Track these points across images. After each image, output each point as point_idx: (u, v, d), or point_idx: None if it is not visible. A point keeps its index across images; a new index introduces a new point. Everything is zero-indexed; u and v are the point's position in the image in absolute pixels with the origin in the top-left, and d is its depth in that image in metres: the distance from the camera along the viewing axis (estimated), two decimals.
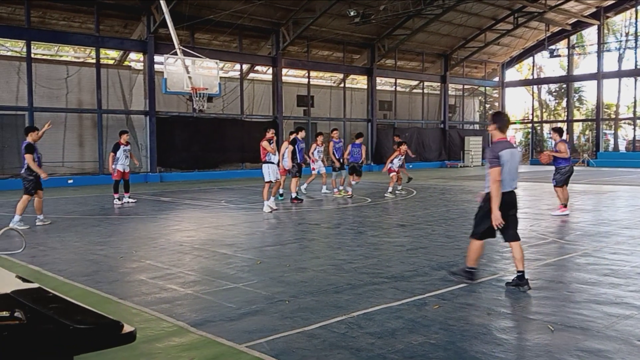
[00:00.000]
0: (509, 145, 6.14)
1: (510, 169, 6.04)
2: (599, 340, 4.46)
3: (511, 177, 6.08)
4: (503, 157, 5.96)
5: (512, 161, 6.07)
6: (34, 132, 11.19)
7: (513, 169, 6.09)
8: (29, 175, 10.92)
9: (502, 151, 5.98)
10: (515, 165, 6.14)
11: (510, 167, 6.03)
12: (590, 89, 38.29)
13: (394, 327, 4.82)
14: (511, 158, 6.04)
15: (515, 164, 6.13)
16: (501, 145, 6.07)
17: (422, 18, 28.81)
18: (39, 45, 23.18)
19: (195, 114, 23.94)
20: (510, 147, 6.13)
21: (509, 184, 6.07)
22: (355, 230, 10.39)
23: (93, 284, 6.42)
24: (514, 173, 6.12)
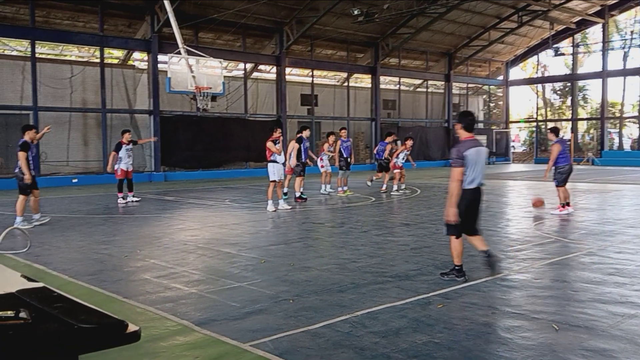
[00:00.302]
0: (475, 144, 6.34)
1: (477, 166, 6.27)
2: (604, 340, 4.45)
3: (477, 174, 6.30)
4: (468, 157, 6.19)
5: (479, 159, 6.28)
6: (31, 131, 11.07)
7: (479, 167, 6.30)
8: (23, 174, 10.82)
9: (468, 150, 6.20)
10: (482, 163, 6.35)
11: (476, 165, 6.25)
12: (595, 88, 38.22)
13: (398, 326, 4.81)
14: (477, 156, 6.26)
15: (481, 162, 6.34)
16: (467, 144, 6.28)
17: (425, 17, 28.76)
18: (44, 44, 23.23)
19: (199, 113, 23.97)
20: (477, 145, 6.34)
21: (476, 181, 6.30)
22: (359, 229, 10.38)
23: (97, 283, 6.44)
24: (480, 170, 6.33)
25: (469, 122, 6.46)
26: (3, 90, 20.26)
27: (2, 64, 20.79)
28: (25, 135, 10.98)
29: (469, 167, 6.23)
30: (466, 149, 6.22)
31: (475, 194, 6.34)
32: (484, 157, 6.43)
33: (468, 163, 6.21)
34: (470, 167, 6.23)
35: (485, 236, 9.42)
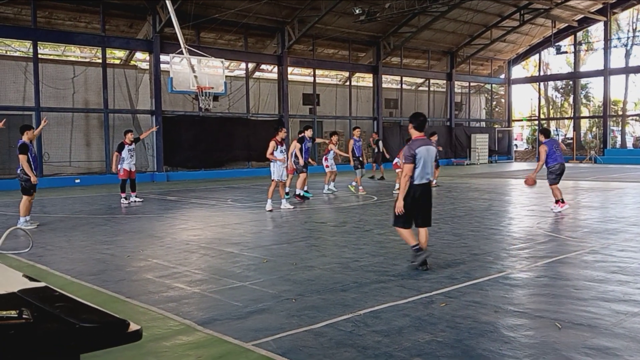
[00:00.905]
0: (425, 143, 6.90)
1: (425, 163, 6.81)
2: (607, 338, 4.44)
3: (426, 170, 6.84)
4: (419, 154, 6.74)
5: (428, 157, 6.83)
6: (29, 131, 11.02)
7: (428, 164, 6.85)
8: (25, 174, 10.80)
9: (418, 148, 6.77)
10: (430, 160, 6.89)
11: (425, 162, 6.80)
12: (597, 86, 38.10)
13: (400, 325, 4.81)
14: (427, 154, 6.81)
15: (430, 159, 6.88)
16: (418, 143, 6.85)
17: (427, 15, 28.74)
18: (46, 45, 23.26)
19: (201, 113, 23.99)
20: (427, 144, 6.89)
21: (424, 177, 6.85)
22: (362, 228, 10.37)
23: (100, 283, 6.44)
24: (429, 167, 6.88)
25: (419, 123, 6.98)
26: (6, 91, 20.29)
27: (4, 64, 20.82)
28: (24, 136, 10.92)
29: (419, 164, 6.76)
30: (417, 147, 6.77)
31: (424, 188, 6.89)
32: (433, 156, 6.95)
33: (418, 160, 6.75)
34: (420, 164, 6.76)
35: (488, 234, 9.45)
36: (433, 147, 7.00)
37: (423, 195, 6.89)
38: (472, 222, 10.91)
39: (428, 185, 6.93)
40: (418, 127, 6.97)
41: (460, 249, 8.14)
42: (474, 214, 12.00)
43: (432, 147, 6.93)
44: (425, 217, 7.00)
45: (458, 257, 7.60)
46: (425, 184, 6.87)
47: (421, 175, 6.81)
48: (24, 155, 10.73)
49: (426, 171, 6.82)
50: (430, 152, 6.84)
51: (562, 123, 43.34)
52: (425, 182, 6.85)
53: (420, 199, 6.87)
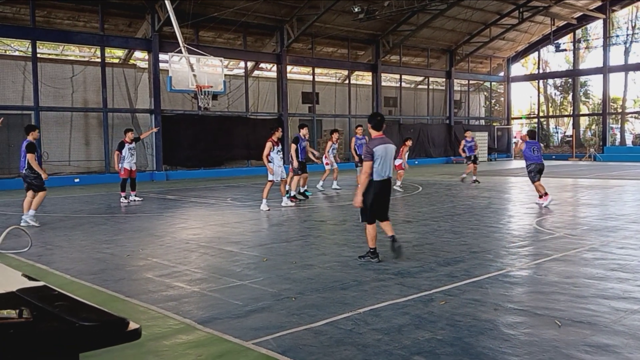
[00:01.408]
0: (383, 141, 7.16)
1: (384, 161, 7.08)
2: (607, 335, 4.44)
3: (385, 167, 7.12)
4: (377, 152, 7.02)
5: (386, 154, 7.08)
6: (35, 131, 11.25)
7: (387, 161, 7.11)
8: (33, 173, 10.91)
9: (376, 147, 7.04)
10: (389, 158, 7.16)
11: (384, 159, 7.06)
12: (597, 83, 38.12)
13: (400, 323, 4.81)
14: (385, 152, 7.07)
15: (389, 157, 7.14)
16: (376, 141, 7.12)
17: (426, 13, 28.72)
18: (45, 44, 23.25)
19: (200, 112, 23.97)
20: (385, 142, 7.15)
21: (384, 173, 7.12)
22: (361, 226, 10.33)
23: (100, 282, 6.44)
24: (388, 164, 7.14)
25: (376, 122, 7.27)
26: (4, 91, 20.29)
27: (3, 64, 20.81)
28: (30, 136, 11.08)
29: (378, 161, 7.04)
30: (375, 146, 7.06)
31: (384, 185, 7.19)
32: (391, 153, 7.23)
33: (377, 158, 7.03)
34: (379, 161, 7.04)
35: (488, 232, 9.45)
36: (392, 145, 7.29)
37: (383, 191, 7.22)
38: (472, 220, 10.92)
39: (388, 182, 7.24)
40: (375, 127, 7.26)
41: (459, 247, 8.14)
42: (473, 212, 12.00)
43: (390, 146, 7.21)
44: (386, 212, 7.37)
45: (458, 255, 7.60)
46: (385, 180, 7.16)
47: (380, 172, 7.09)
48: (32, 154, 10.86)
49: (386, 168, 7.11)
50: (388, 150, 7.13)
51: (561, 121, 43.35)
52: (385, 178, 7.15)
53: (382, 194, 7.20)
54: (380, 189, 7.15)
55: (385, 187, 7.23)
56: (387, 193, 7.31)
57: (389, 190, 7.36)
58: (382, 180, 7.13)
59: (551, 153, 38.58)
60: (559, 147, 40.46)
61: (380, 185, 7.14)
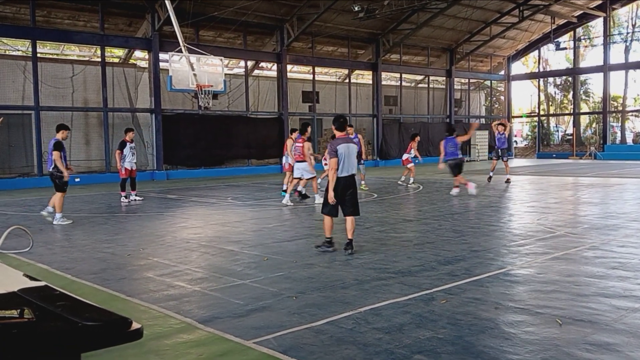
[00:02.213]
0: (346, 140, 7.77)
1: (347, 159, 7.64)
2: (608, 334, 4.44)
3: (348, 165, 7.68)
4: (339, 150, 7.58)
5: (348, 153, 7.66)
6: (65, 131, 11.40)
7: (349, 159, 7.68)
8: (58, 172, 11.08)
9: (339, 145, 7.60)
10: (351, 156, 7.70)
11: (346, 157, 7.63)
12: (597, 82, 38.10)
13: (401, 322, 4.81)
14: (347, 150, 7.64)
15: (351, 155, 7.70)
16: (339, 141, 7.70)
17: (426, 12, 28.70)
18: (45, 44, 23.24)
19: (200, 111, 23.97)
20: (347, 142, 7.74)
21: (347, 170, 7.68)
22: (362, 225, 10.37)
23: (101, 282, 6.45)
24: (351, 162, 7.71)
25: (340, 124, 7.88)
26: (5, 91, 20.29)
27: (3, 64, 20.81)
28: (59, 134, 11.25)
29: (341, 159, 7.61)
30: (338, 145, 7.62)
31: (347, 180, 7.70)
32: (354, 152, 7.78)
33: (340, 156, 7.58)
34: (342, 159, 7.60)
35: (488, 231, 9.45)
36: (354, 144, 7.85)
37: (348, 186, 7.70)
38: (472, 218, 10.92)
39: (352, 178, 7.76)
40: (339, 128, 7.87)
41: (460, 246, 8.14)
42: (474, 211, 12.01)
43: (352, 145, 7.78)
44: (352, 207, 7.79)
45: (458, 253, 7.60)
46: (349, 177, 7.70)
47: (344, 169, 7.65)
48: (58, 152, 10.99)
49: (349, 165, 7.68)
50: (350, 148, 7.70)
51: (562, 119, 43.35)
52: (348, 175, 7.70)
53: (346, 189, 7.69)
54: (343, 185, 7.66)
55: (347, 182, 7.71)
56: (349, 188, 7.73)
57: (352, 185, 7.78)
58: (345, 177, 7.68)
59: (552, 152, 38.57)
60: (560, 146, 40.45)
61: (342, 181, 7.66)
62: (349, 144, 7.75)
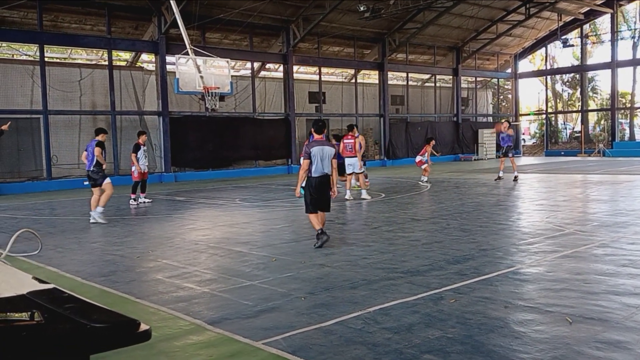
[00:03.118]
0: (320, 143, 8.39)
1: (321, 159, 8.23)
2: (618, 332, 4.41)
3: (322, 165, 8.25)
4: (313, 152, 8.22)
5: (322, 154, 8.24)
6: (105, 134, 12.24)
7: (323, 160, 8.25)
8: (99, 171, 11.81)
9: (313, 148, 8.23)
10: (326, 157, 8.26)
11: (320, 158, 8.23)
12: (605, 78, 37.86)
13: (410, 321, 4.81)
14: (321, 152, 8.24)
15: (325, 156, 8.25)
16: (314, 143, 8.35)
17: (432, 11, 28.64)
18: (52, 48, 23.37)
19: (207, 113, 24.03)
20: (322, 144, 8.34)
21: (319, 171, 8.25)
22: (370, 225, 10.37)
23: (110, 284, 6.47)
24: (324, 162, 8.26)
25: (318, 127, 8.62)
26: (13, 95, 20.41)
27: (11, 68, 20.94)
28: (99, 137, 12.03)
29: (314, 160, 8.21)
30: (312, 147, 8.26)
31: (320, 180, 8.28)
32: (327, 153, 8.29)
33: (313, 157, 8.20)
34: (315, 160, 8.21)
35: (497, 230, 9.42)
36: (328, 147, 8.37)
37: (321, 185, 8.31)
38: (481, 217, 10.88)
39: (325, 177, 8.31)
40: (317, 131, 8.58)
41: (469, 245, 8.12)
42: (482, 209, 11.96)
43: (326, 147, 8.33)
44: (324, 204, 8.41)
45: (467, 252, 7.58)
46: (322, 177, 8.28)
47: (317, 170, 8.24)
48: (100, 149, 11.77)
49: (322, 165, 8.23)
50: (324, 151, 8.26)
51: (569, 116, 43.11)
52: (321, 175, 8.26)
53: (319, 188, 8.31)
54: (317, 184, 8.29)
55: (321, 182, 8.30)
56: (323, 187, 8.33)
57: (326, 185, 8.35)
58: (318, 177, 8.27)
59: (560, 149, 38.38)
60: (568, 143, 40.23)
61: (316, 180, 8.29)
62: (323, 146, 8.32)
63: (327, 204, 8.49)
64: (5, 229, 10.99)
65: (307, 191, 8.39)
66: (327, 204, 8.50)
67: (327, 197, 8.44)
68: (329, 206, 8.54)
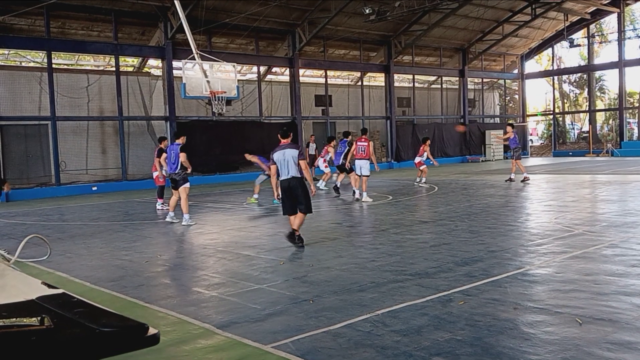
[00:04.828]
0: (282, 147, 8.57)
1: (283, 164, 8.46)
2: (629, 333, 4.38)
3: (286, 169, 8.46)
4: (275, 157, 8.55)
5: (284, 158, 8.46)
6: (183, 137, 12.60)
7: (286, 164, 8.44)
8: (183, 172, 12.17)
9: (275, 153, 8.57)
10: (288, 161, 8.42)
11: (281, 163, 8.48)
12: (612, 78, 37.66)
13: (419, 324, 4.79)
14: (282, 157, 8.47)
15: (287, 160, 8.42)
16: (277, 148, 8.62)
17: (438, 13, 28.61)
18: (60, 55, 23.51)
19: (214, 117, 24.07)
20: (283, 148, 8.53)
21: (285, 174, 8.49)
22: (377, 228, 10.36)
23: (119, 289, 6.49)
24: (287, 166, 8.43)
25: (283, 132, 8.87)
26: (21, 102, 20.54)
27: (20, 75, 21.08)
28: (179, 140, 12.41)
29: (278, 164, 8.51)
30: (274, 152, 8.59)
31: (288, 183, 8.48)
32: (289, 156, 8.43)
33: (277, 162, 8.51)
34: (279, 164, 8.50)
35: (505, 231, 9.39)
36: (290, 150, 8.50)
37: (289, 188, 8.50)
38: (489, 218, 10.85)
39: (293, 180, 8.45)
40: (282, 136, 8.81)
41: (477, 246, 8.09)
42: (490, 211, 11.92)
43: (287, 150, 8.48)
44: (301, 204, 8.52)
45: (475, 254, 7.55)
46: (289, 179, 8.46)
47: (282, 173, 8.50)
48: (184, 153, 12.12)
49: (286, 169, 8.45)
50: (286, 154, 8.46)
51: (577, 117, 42.91)
52: (287, 178, 8.46)
53: (287, 191, 8.54)
54: (285, 187, 8.55)
55: (289, 185, 8.48)
56: (292, 190, 8.49)
57: (294, 187, 8.47)
58: (285, 179, 8.52)
59: (568, 150, 38.21)
60: (576, 144, 40.04)
61: (284, 183, 8.55)
62: (284, 150, 8.52)
63: (303, 205, 8.55)
64: (14, 235, 11.05)
65: (282, 195, 8.71)
66: (304, 205, 8.56)
67: (301, 199, 8.52)
68: (306, 207, 8.58)
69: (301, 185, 8.54)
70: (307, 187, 8.70)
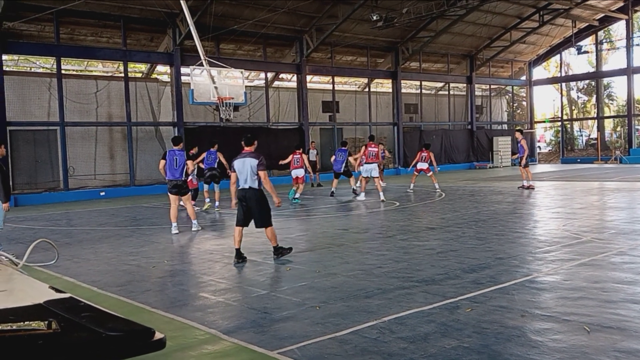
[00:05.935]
0: (243, 156, 8.20)
1: (241, 172, 8.12)
2: (637, 341, 4.35)
3: (242, 178, 8.12)
4: (235, 165, 8.21)
5: (242, 168, 8.11)
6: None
7: (243, 173, 8.10)
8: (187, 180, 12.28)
9: (235, 161, 8.23)
10: (245, 171, 8.07)
11: (240, 171, 8.13)
12: (620, 85, 37.52)
13: (426, 331, 4.77)
14: (241, 165, 8.13)
15: (245, 170, 8.08)
16: (239, 156, 8.27)
17: (445, 19, 28.63)
18: (69, 61, 23.68)
19: (222, 123, 24.14)
20: (243, 157, 8.17)
21: (242, 184, 8.11)
22: (384, 234, 10.34)
23: (126, 294, 6.51)
24: (245, 175, 8.08)
25: (247, 139, 8.46)
26: (31, 107, 20.69)
27: (29, 81, 21.23)
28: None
29: (238, 173, 8.14)
30: (235, 160, 8.25)
31: (244, 194, 8.10)
32: (247, 166, 8.07)
33: (236, 170, 8.15)
34: (238, 173, 8.14)
35: (513, 238, 9.34)
36: (250, 159, 8.11)
37: (244, 199, 8.13)
38: (497, 225, 10.81)
39: (249, 190, 8.07)
40: (246, 143, 8.44)
41: (485, 253, 8.06)
42: (498, 218, 11.88)
43: (247, 159, 8.11)
44: (256, 219, 8.20)
45: (483, 261, 7.52)
46: (246, 189, 8.08)
47: (239, 182, 8.14)
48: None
49: (243, 179, 8.09)
50: (245, 163, 8.10)
51: (585, 123, 42.76)
52: (242, 187, 8.11)
53: (242, 202, 8.15)
54: (240, 197, 8.16)
55: (244, 196, 8.10)
56: (247, 201, 8.10)
57: (248, 198, 8.09)
58: (240, 189, 8.15)
59: (576, 156, 38.06)
60: (584, 150, 39.88)
61: (241, 193, 8.14)
62: (245, 159, 8.16)
63: (258, 220, 8.17)
64: (22, 240, 11.11)
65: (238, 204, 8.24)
66: (258, 219, 8.16)
67: (254, 213, 8.13)
68: (260, 222, 8.18)
69: (257, 198, 8.11)
70: (267, 200, 8.31)
